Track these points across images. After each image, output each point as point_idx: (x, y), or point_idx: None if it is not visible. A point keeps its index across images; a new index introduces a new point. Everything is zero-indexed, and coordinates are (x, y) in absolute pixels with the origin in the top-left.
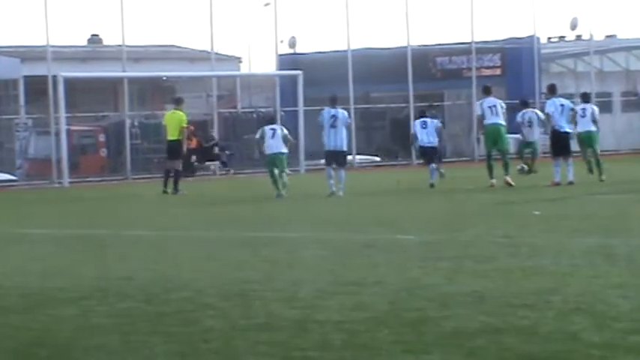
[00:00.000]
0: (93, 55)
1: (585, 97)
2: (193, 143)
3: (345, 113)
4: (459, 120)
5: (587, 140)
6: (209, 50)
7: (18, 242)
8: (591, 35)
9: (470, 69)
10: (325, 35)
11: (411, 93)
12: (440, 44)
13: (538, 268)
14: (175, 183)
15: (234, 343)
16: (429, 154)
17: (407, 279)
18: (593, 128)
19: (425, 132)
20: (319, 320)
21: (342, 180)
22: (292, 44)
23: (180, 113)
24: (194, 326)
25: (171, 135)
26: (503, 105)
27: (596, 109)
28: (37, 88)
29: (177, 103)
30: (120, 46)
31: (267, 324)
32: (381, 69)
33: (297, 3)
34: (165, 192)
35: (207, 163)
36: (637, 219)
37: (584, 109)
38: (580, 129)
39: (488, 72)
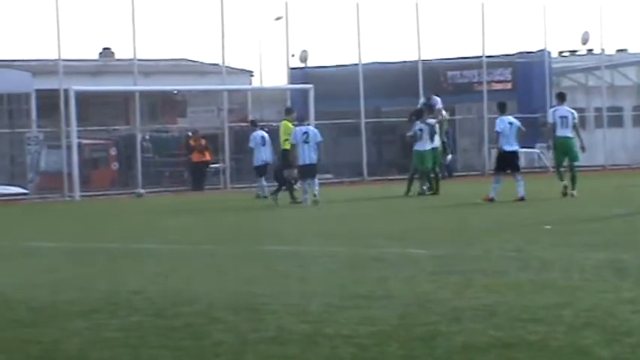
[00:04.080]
0: (104, 68)
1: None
2: (207, 156)
3: (317, 131)
4: (470, 134)
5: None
6: (220, 64)
7: (29, 255)
8: (602, 49)
9: (481, 83)
10: (336, 49)
11: None
12: (451, 58)
13: (548, 283)
14: (277, 191)
15: (244, 357)
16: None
17: (417, 293)
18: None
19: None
20: (329, 334)
21: (317, 188)
22: (303, 58)
23: (285, 122)
24: (204, 340)
25: (281, 145)
26: (576, 115)
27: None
28: (48, 101)
29: (287, 113)
30: (131, 59)
31: (277, 338)
32: (392, 83)
33: (309, 17)
34: (294, 201)
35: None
36: None
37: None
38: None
39: (499, 86)
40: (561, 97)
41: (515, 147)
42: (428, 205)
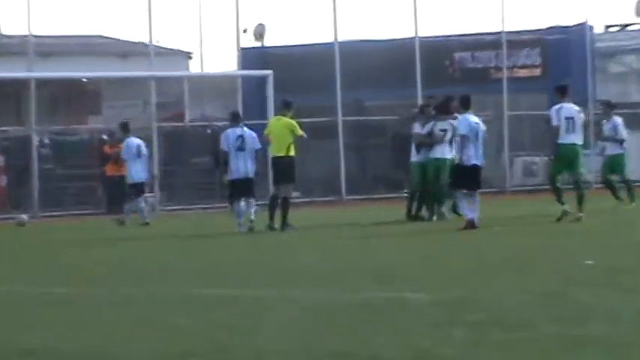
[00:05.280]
0: None
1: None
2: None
3: (254, 134)
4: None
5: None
6: (146, 42)
7: None
8: None
9: (500, 69)
10: (304, 23)
11: (420, 101)
12: (459, 35)
13: (587, 338)
14: (284, 214)
15: None
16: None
17: (413, 351)
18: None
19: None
20: None
21: (253, 210)
22: (259, 35)
23: (287, 120)
24: None
25: (277, 149)
26: (582, 115)
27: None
28: None
29: (286, 106)
30: (25, 36)
31: None
32: (379, 69)
33: None
34: (272, 227)
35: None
36: None
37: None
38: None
39: (524, 72)
40: (562, 91)
41: (479, 160)
42: (426, 232)
